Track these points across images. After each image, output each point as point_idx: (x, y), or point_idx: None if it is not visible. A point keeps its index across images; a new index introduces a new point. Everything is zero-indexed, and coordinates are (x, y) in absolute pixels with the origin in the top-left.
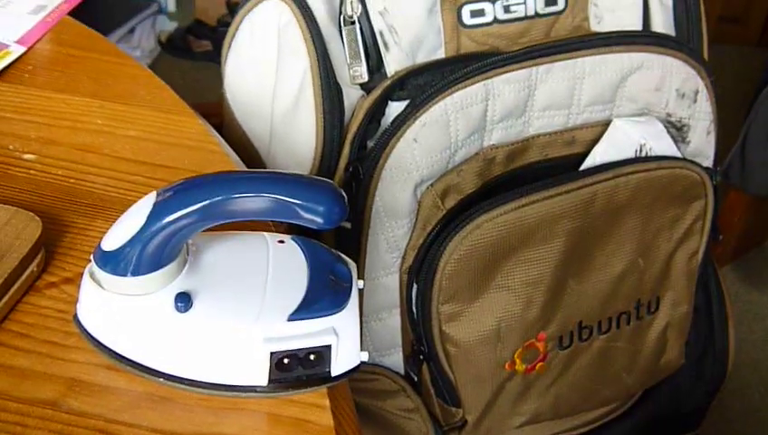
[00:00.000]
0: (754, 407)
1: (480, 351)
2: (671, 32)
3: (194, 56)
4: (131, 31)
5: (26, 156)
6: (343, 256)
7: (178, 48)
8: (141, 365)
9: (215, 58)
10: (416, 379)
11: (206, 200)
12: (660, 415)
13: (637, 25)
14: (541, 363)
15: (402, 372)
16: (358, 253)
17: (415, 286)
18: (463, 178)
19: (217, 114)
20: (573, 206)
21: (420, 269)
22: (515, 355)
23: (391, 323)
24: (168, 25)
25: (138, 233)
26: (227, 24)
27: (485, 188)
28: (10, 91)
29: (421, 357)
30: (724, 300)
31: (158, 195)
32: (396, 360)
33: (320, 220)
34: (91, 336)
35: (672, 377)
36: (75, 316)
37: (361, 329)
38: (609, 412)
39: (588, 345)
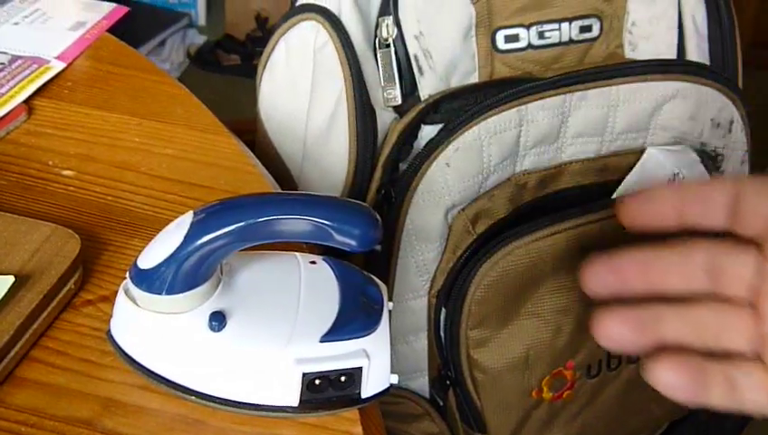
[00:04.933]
0: None
1: (507, 378)
2: (706, 60)
3: (222, 70)
4: (162, 44)
5: (65, 172)
6: (374, 277)
7: (207, 62)
8: (174, 383)
9: (243, 72)
10: (441, 403)
11: (243, 222)
12: None
13: (671, 54)
14: (568, 392)
15: (427, 395)
16: (387, 275)
17: (443, 311)
18: (494, 203)
19: (248, 130)
20: (605, 234)
21: (450, 293)
22: (543, 383)
23: (418, 347)
24: (198, 39)
25: (174, 252)
26: (256, 39)
27: (516, 214)
28: (50, 107)
29: (448, 382)
30: None
31: (195, 215)
32: (421, 383)
33: (354, 243)
34: (124, 352)
35: (701, 409)
36: (108, 332)
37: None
38: None
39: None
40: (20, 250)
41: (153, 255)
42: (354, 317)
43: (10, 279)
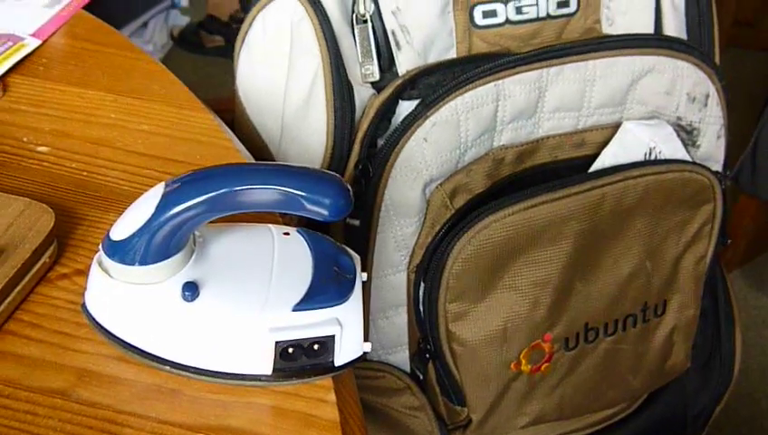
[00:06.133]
0: (762, 413)
1: (486, 350)
2: (683, 35)
3: (206, 51)
4: (144, 25)
5: (40, 148)
6: (347, 248)
7: (190, 43)
8: (148, 353)
9: (226, 53)
10: (421, 377)
11: (213, 192)
12: (666, 418)
13: (648, 28)
14: (546, 364)
15: (408, 370)
16: (366, 250)
17: (422, 285)
18: (472, 178)
19: (229, 109)
20: (582, 207)
21: (428, 268)
22: (521, 356)
23: (398, 322)
24: (181, 20)
25: (146, 223)
26: (240, 20)
27: (494, 189)
28: (25, 84)
29: (427, 356)
30: (731, 304)
31: (166, 186)
32: (402, 358)
33: (325, 212)
34: (99, 324)
35: (678, 380)
36: (83, 305)
37: (367, 323)
38: (614, 414)
39: (594, 347)
40: None
41: (125, 226)
42: (327, 287)
43: None
